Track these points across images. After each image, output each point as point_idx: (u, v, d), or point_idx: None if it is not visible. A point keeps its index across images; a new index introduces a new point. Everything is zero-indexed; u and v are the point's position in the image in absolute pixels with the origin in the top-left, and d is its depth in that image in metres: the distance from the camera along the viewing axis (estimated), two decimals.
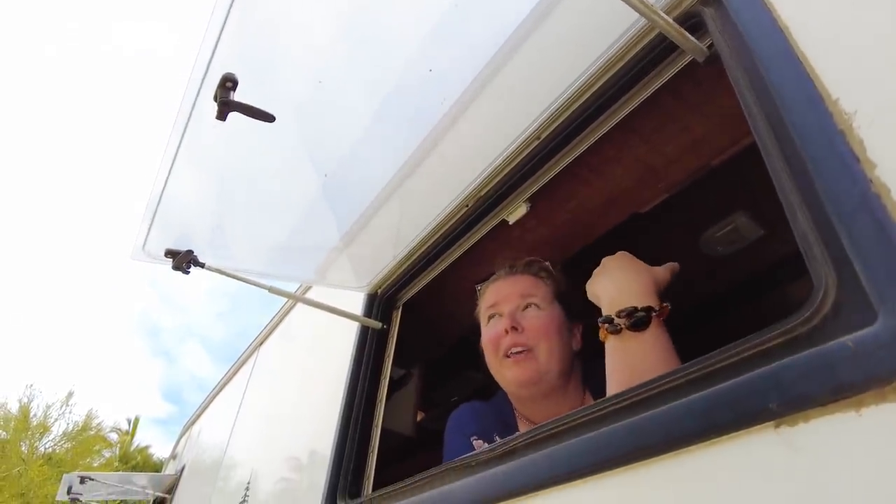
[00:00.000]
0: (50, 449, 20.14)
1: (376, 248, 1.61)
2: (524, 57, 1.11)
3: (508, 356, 1.22)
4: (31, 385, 25.85)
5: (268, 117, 0.98)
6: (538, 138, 1.23)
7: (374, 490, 1.32)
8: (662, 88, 1.05)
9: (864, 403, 0.48)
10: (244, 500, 2.19)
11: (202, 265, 1.38)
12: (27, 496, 16.95)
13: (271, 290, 1.49)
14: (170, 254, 1.36)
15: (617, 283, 1.06)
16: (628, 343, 0.98)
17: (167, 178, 1.19)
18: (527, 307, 1.28)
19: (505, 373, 1.24)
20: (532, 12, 1.05)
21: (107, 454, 22.30)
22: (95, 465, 20.89)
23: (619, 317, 0.99)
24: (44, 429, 19.99)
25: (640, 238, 1.64)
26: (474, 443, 1.24)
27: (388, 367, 1.62)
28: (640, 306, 0.99)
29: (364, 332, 1.69)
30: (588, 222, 1.56)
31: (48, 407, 20.36)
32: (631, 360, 0.97)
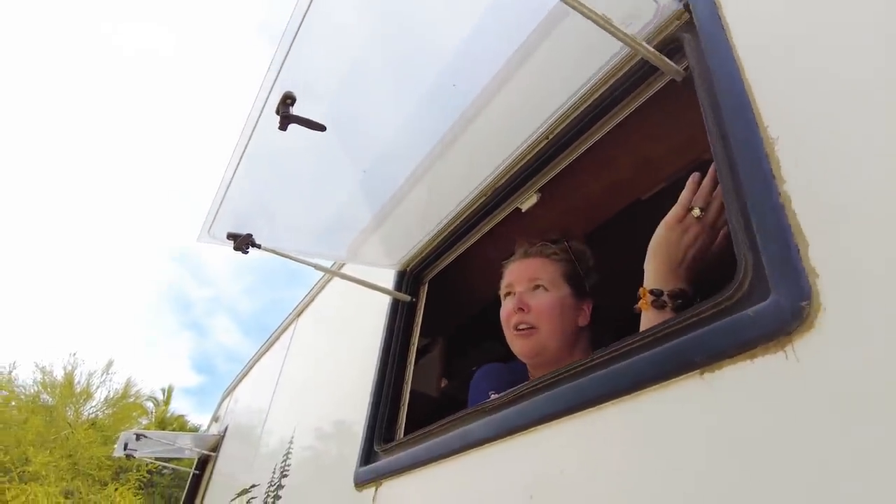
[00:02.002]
0: (93, 414, 21.18)
1: (405, 231, 1.83)
2: (532, 68, 1.30)
3: (517, 330, 1.44)
4: (75, 354, 26.99)
5: (320, 127, 1.19)
6: (547, 137, 1.43)
7: (405, 435, 1.57)
8: (651, 99, 1.23)
9: (756, 355, 0.68)
10: (288, 453, 2.48)
11: (258, 246, 1.62)
12: (74, 457, 17.99)
13: (317, 267, 1.73)
14: (231, 236, 1.60)
15: (667, 260, 1.08)
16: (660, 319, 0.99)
17: (233, 174, 1.42)
18: (535, 288, 1.48)
19: (513, 344, 1.47)
20: (538, 27, 1.23)
21: (144, 421, 23.31)
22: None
23: (669, 297, 1.04)
24: (87, 395, 21.01)
25: (641, 223, 1.83)
26: (492, 396, 1.46)
27: (416, 335, 1.86)
28: (685, 289, 1.04)
29: (395, 304, 1.93)
30: (593, 209, 1.75)
31: (90, 375, 21.36)
32: None
